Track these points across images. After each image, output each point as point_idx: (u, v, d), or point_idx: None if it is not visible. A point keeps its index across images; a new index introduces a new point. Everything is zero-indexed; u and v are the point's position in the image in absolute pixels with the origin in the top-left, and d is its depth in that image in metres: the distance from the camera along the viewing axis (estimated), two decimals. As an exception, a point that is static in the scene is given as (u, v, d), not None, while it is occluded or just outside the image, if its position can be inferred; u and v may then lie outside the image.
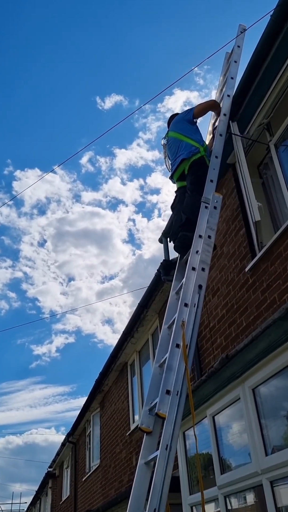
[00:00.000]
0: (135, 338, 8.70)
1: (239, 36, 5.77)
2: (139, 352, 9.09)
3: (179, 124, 4.76)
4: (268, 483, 3.06)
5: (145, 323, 8.24)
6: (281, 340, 2.86)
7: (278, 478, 3.02)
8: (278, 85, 4.63)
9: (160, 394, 2.97)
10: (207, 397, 3.88)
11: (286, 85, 4.62)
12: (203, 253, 3.62)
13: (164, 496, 2.60)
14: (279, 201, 5.22)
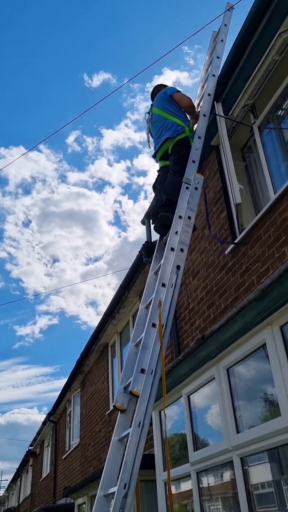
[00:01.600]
0: (116, 320, 8.72)
1: (226, 14, 5.67)
2: (120, 333, 9.13)
3: (163, 102, 4.66)
4: (239, 460, 3.13)
5: (126, 305, 8.26)
6: (255, 321, 2.89)
7: (248, 454, 3.08)
8: (263, 66, 4.59)
9: (134, 373, 2.98)
10: (183, 377, 3.92)
11: (271, 66, 4.58)
12: (182, 234, 3.61)
13: (135, 471, 2.64)
14: (261, 185, 5.22)
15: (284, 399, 2.67)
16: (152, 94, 5.04)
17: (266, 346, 2.95)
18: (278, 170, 4.81)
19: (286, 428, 2.62)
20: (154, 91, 5.04)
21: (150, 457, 4.89)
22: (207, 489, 3.80)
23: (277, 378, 2.76)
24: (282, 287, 2.60)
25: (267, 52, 4.43)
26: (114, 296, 8.21)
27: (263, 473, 3.12)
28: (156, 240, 6.93)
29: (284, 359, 2.73)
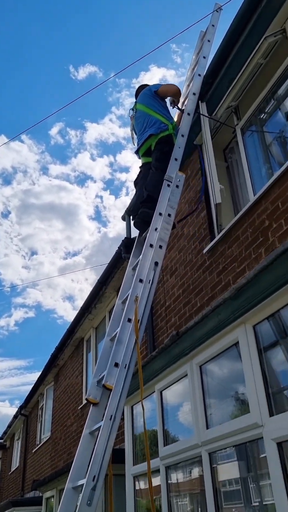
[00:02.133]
0: (92, 314, 8.71)
1: (214, 14, 5.71)
2: (96, 328, 9.12)
3: (147, 98, 4.68)
4: (207, 455, 3.18)
5: (103, 300, 8.25)
6: (230, 319, 2.94)
7: (216, 450, 3.13)
8: (248, 68, 4.64)
9: (108, 367, 3.00)
10: (156, 373, 3.95)
11: (255, 69, 4.63)
12: (161, 231, 3.63)
13: (105, 464, 2.65)
14: (241, 186, 5.29)
15: (254, 397, 2.73)
16: (137, 92, 5.07)
17: (238, 345, 3.01)
18: (258, 172, 4.88)
19: (254, 424, 2.67)
20: (139, 89, 5.08)
21: (120, 451, 4.92)
22: (175, 485, 3.85)
23: (248, 376, 2.82)
24: (257, 287, 2.65)
25: (252, 55, 4.48)
26: (91, 291, 8.19)
27: (230, 470, 3.19)
28: (135, 237, 6.98)
29: (255, 358, 2.79)
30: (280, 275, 2.46)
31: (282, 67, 4.52)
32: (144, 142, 4.44)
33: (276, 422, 2.54)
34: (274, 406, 2.65)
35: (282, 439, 2.49)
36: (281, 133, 4.84)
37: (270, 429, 2.56)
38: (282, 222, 3.84)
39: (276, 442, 2.50)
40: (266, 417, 2.61)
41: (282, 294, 2.56)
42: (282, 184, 3.93)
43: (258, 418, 2.65)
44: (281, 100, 4.77)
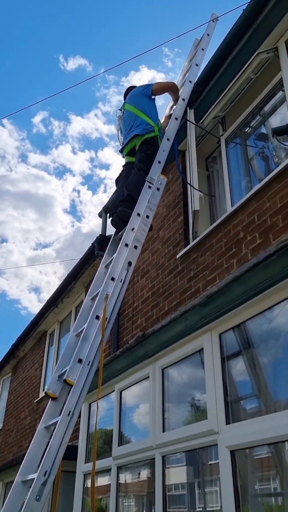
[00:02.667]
0: (59, 308, 8.62)
1: (210, 24, 5.77)
2: (61, 322, 9.04)
3: (136, 98, 4.69)
4: (160, 458, 3.20)
5: (71, 295, 8.18)
6: (197, 325, 2.97)
7: (171, 453, 3.16)
8: (238, 81, 4.71)
9: (71, 362, 2.97)
10: (118, 372, 3.95)
11: (245, 83, 4.71)
12: (138, 231, 3.64)
13: (58, 460, 2.62)
14: (219, 196, 5.36)
15: (212, 404, 2.76)
16: (125, 93, 5.09)
17: (202, 352, 3.04)
18: (238, 185, 4.96)
19: (210, 431, 2.71)
20: (127, 90, 5.10)
21: (73, 448, 4.88)
22: (124, 485, 3.85)
23: (209, 383, 2.85)
24: (227, 296, 2.69)
25: (244, 69, 4.56)
26: (60, 285, 8.11)
27: (180, 474, 3.22)
28: (110, 235, 6.96)
29: (218, 366, 2.83)
30: (251, 287, 2.50)
31: (271, 85, 4.61)
32: (129, 141, 4.44)
33: (232, 430, 2.59)
34: (231, 414, 2.69)
35: (235, 447, 2.54)
36: (263, 149, 4.94)
37: (225, 437, 2.60)
38: (257, 235, 3.91)
39: (230, 450, 2.54)
40: (222, 425, 2.65)
41: (251, 306, 2.61)
42: (260, 199, 4.01)
43: (215, 425, 2.69)
44: (266, 117, 4.87)
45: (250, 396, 2.75)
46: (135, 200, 3.85)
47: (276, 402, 2.57)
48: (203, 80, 5.08)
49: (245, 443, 2.49)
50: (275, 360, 2.64)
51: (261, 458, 2.61)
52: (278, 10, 4.20)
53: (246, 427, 2.50)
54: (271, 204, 3.86)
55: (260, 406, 2.64)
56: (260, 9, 4.30)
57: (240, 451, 2.56)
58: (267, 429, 2.35)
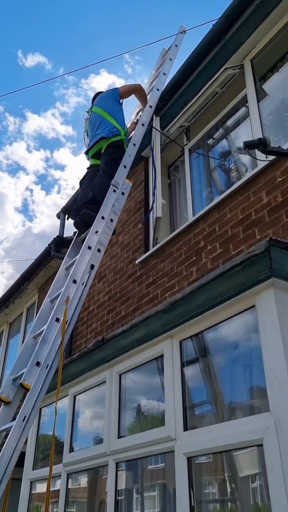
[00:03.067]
0: (9, 309, 8.37)
1: (178, 36, 5.88)
2: (10, 324, 8.77)
3: (104, 101, 4.68)
4: (114, 464, 3.17)
5: (23, 296, 7.98)
6: (158, 331, 2.98)
7: (124, 460, 3.14)
8: (204, 94, 4.82)
9: (29, 365, 2.88)
10: (73, 376, 3.88)
11: (211, 96, 4.83)
12: (102, 234, 3.61)
13: (10, 467, 2.53)
14: (180, 204, 5.44)
15: (171, 410, 2.78)
16: (93, 98, 5.07)
17: (160, 358, 3.06)
18: (199, 194, 5.06)
19: (168, 437, 2.72)
20: (96, 95, 5.09)
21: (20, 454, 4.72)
22: (74, 492, 3.78)
23: (168, 390, 2.86)
24: (190, 304, 2.72)
25: (210, 83, 4.67)
26: (12, 285, 7.87)
27: (128, 480, 3.21)
28: (68, 236, 6.85)
29: (178, 372, 2.85)
30: (215, 295, 2.55)
31: (235, 100, 4.76)
32: (94, 144, 4.41)
33: (189, 437, 2.61)
34: (189, 421, 2.71)
35: (192, 454, 2.56)
36: (224, 162, 5.08)
37: (182, 444, 2.62)
38: (217, 245, 4.00)
39: (187, 457, 2.56)
40: (180, 431, 2.67)
41: (213, 314, 2.66)
42: (222, 209, 4.11)
43: (172, 431, 2.70)
44: (229, 130, 5.01)
45: (208, 403, 2.79)
46: (99, 203, 3.82)
47: (233, 410, 2.63)
48: (170, 90, 5.15)
49: (202, 450, 2.52)
50: (233, 369, 2.70)
51: (213, 463, 2.66)
52: (246, 29, 4.35)
53: (204, 434, 2.53)
54: (232, 215, 3.97)
55: (217, 414, 2.68)
56: (228, 26, 4.43)
57: (195, 457, 2.59)
58: (224, 436, 2.40)
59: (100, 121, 4.50)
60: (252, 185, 3.83)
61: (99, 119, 4.54)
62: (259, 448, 2.22)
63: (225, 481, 2.56)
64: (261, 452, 2.17)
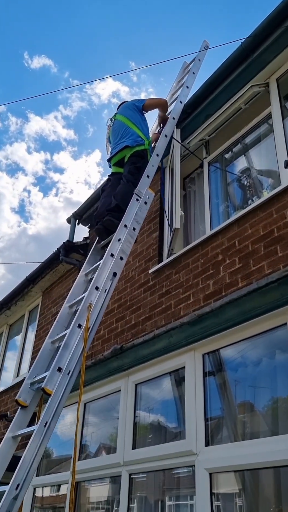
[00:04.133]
0: (11, 311, 8.31)
1: (201, 51, 5.95)
2: (11, 325, 8.71)
3: (129, 111, 4.71)
4: (127, 475, 3.14)
5: (26, 298, 7.92)
6: (181, 343, 2.97)
7: (138, 472, 3.10)
8: (228, 110, 4.86)
9: (51, 371, 2.85)
10: (86, 383, 3.85)
11: (235, 111, 4.87)
12: (124, 243, 3.61)
13: (31, 472, 2.50)
14: (195, 216, 5.45)
15: (192, 424, 2.76)
16: (118, 107, 5.12)
17: (181, 370, 3.04)
18: (216, 208, 5.08)
19: (189, 451, 2.70)
20: (122, 103, 5.14)
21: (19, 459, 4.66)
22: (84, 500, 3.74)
23: (189, 403, 2.85)
24: (218, 318, 2.72)
25: (236, 99, 4.72)
26: (15, 287, 7.82)
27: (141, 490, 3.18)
28: (77, 242, 6.85)
29: (200, 385, 2.84)
30: (246, 311, 2.55)
31: (258, 118, 4.80)
32: (118, 152, 4.43)
33: (211, 452, 2.59)
34: (211, 436, 2.70)
35: (214, 470, 2.54)
36: (242, 177, 5.11)
37: (204, 459, 2.60)
38: (236, 260, 4.00)
39: (209, 473, 2.54)
40: (201, 446, 2.65)
41: (241, 330, 2.65)
42: (242, 224, 4.12)
43: (194, 445, 2.68)
44: (249, 147, 5.05)
45: (230, 419, 2.78)
46: (122, 210, 3.82)
47: (256, 428, 2.62)
48: (193, 103, 5.19)
49: (225, 467, 2.50)
50: (258, 386, 2.69)
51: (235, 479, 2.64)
52: (273, 49, 4.42)
53: (226, 450, 2.51)
54: (253, 231, 3.98)
55: (240, 430, 2.67)
56: (257, 45, 4.50)
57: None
58: (248, 454, 2.38)
59: (124, 130, 4.52)
60: (276, 202, 3.85)
61: (123, 127, 4.57)
62: (284, 469, 2.21)
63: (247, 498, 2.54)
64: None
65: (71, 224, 6.85)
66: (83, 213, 6.76)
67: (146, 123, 4.70)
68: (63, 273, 7.16)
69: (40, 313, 7.37)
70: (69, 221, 6.93)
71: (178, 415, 3.02)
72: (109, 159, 4.55)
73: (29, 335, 7.71)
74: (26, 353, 7.55)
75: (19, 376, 7.35)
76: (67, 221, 6.97)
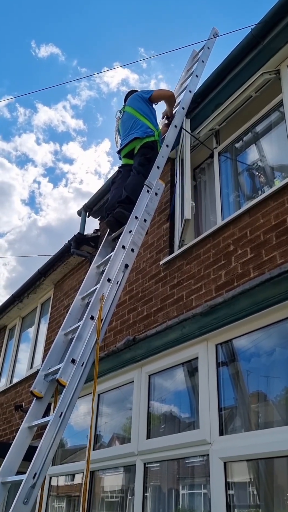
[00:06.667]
0: (23, 303, 8.38)
1: (210, 39, 5.87)
2: (23, 318, 8.79)
3: (137, 102, 4.68)
4: (142, 464, 3.17)
5: (38, 291, 7.99)
6: (194, 334, 2.98)
7: (152, 461, 3.13)
8: (238, 98, 4.80)
9: (64, 362, 2.88)
10: (99, 375, 3.87)
11: (245, 100, 4.82)
12: (135, 234, 3.61)
13: (48, 462, 2.54)
14: (205, 207, 5.43)
15: (206, 414, 2.78)
16: (126, 96, 5.07)
17: (193, 361, 3.05)
18: (226, 198, 5.05)
19: (203, 441, 2.72)
20: (129, 93, 5.09)
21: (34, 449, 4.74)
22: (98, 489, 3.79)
23: (202, 393, 2.86)
24: (231, 309, 2.72)
25: (246, 87, 4.66)
26: (27, 280, 7.88)
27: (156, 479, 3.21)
28: (88, 234, 6.87)
29: (213, 376, 2.84)
30: (259, 301, 2.54)
31: (269, 106, 4.74)
32: (128, 143, 4.41)
33: (225, 441, 2.60)
34: (225, 425, 2.71)
35: (229, 459, 2.56)
36: (252, 166, 5.07)
37: (218, 448, 2.61)
38: (248, 250, 3.98)
39: (224, 462, 2.55)
40: (215, 436, 2.66)
41: (254, 320, 2.65)
42: (253, 214, 4.09)
43: (208, 435, 2.70)
44: (260, 136, 5.00)
45: (244, 408, 2.78)
46: (133, 202, 3.82)
47: (270, 417, 2.62)
48: (202, 92, 5.14)
49: (239, 456, 2.51)
50: (271, 375, 2.69)
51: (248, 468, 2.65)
52: (284, 35, 4.34)
53: (241, 439, 2.52)
54: (265, 221, 3.95)
55: (254, 420, 2.67)
56: (267, 31, 4.43)
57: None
58: (262, 444, 2.39)
59: (134, 121, 4.50)
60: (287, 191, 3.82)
61: (132, 119, 4.54)
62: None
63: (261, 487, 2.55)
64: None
65: (81, 216, 6.87)
66: (93, 205, 6.77)
67: (155, 114, 4.67)
68: (74, 265, 7.19)
69: (52, 306, 7.43)
70: (80, 214, 6.95)
71: (191, 405, 3.04)
72: (119, 151, 4.54)
73: (42, 327, 7.78)
74: (39, 345, 7.63)
75: (32, 368, 7.43)
76: (77, 214, 6.99)
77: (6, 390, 7.86)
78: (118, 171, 4.52)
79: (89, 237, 6.66)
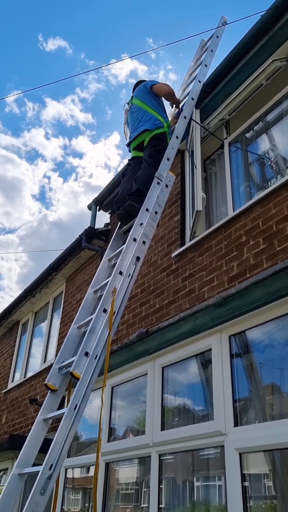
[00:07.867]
0: (35, 298, 8.43)
1: (219, 27, 5.79)
2: (36, 313, 8.85)
3: (143, 94, 4.63)
4: (157, 456, 3.17)
5: (50, 286, 8.02)
6: (207, 326, 2.96)
7: (167, 452, 3.14)
8: (248, 87, 4.74)
9: (78, 355, 2.89)
10: (112, 368, 3.89)
11: (256, 88, 4.75)
12: (147, 227, 3.59)
13: (63, 453, 2.56)
14: (216, 198, 5.38)
15: (220, 405, 2.76)
16: (134, 87, 5.02)
17: (207, 352, 3.04)
18: (237, 189, 5.00)
19: (217, 432, 2.71)
20: (136, 84, 5.03)
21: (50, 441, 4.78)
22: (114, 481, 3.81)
23: (216, 385, 2.85)
24: (244, 300, 2.70)
25: (257, 75, 4.59)
26: (39, 275, 7.92)
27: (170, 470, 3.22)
28: (99, 228, 6.86)
29: (227, 367, 2.83)
30: (272, 291, 2.51)
31: (280, 94, 4.66)
32: (137, 136, 4.38)
33: (240, 432, 2.59)
34: (239, 416, 2.70)
35: (244, 450, 2.54)
36: (264, 156, 5.00)
37: (233, 439, 2.60)
38: (260, 240, 3.94)
39: (239, 453, 2.54)
40: (230, 427, 2.65)
41: (268, 310, 2.62)
42: (265, 205, 4.05)
43: (222, 426, 2.69)
44: (271, 125, 4.93)
45: (258, 399, 2.76)
46: (144, 194, 3.80)
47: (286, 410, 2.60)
48: (212, 82, 5.07)
49: (255, 447, 2.50)
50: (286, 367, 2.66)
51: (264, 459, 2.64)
52: (295, 21, 4.26)
53: (257, 430, 2.51)
54: (277, 211, 3.90)
55: (269, 410, 2.66)
56: (278, 17, 4.34)
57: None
58: (278, 434, 2.37)
59: (142, 114, 4.46)
60: (300, 180, 3.76)
61: (141, 111, 4.51)
62: None
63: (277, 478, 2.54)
64: None
65: (92, 210, 6.86)
66: (104, 199, 6.75)
67: (163, 106, 4.63)
68: (85, 259, 7.21)
69: (64, 300, 7.46)
70: (90, 208, 6.95)
71: (205, 397, 3.03)
72: (129, 143, 4.51)
73: (54, 322, 7.83)
74: (52, 340, 7.67)
75: (46, 361, 7.49)
76: (87, 208, 6.98)
77: (21, 384, 7.93)
78: (128, 164, 4.50)
79: (100, 231, 6.65)
